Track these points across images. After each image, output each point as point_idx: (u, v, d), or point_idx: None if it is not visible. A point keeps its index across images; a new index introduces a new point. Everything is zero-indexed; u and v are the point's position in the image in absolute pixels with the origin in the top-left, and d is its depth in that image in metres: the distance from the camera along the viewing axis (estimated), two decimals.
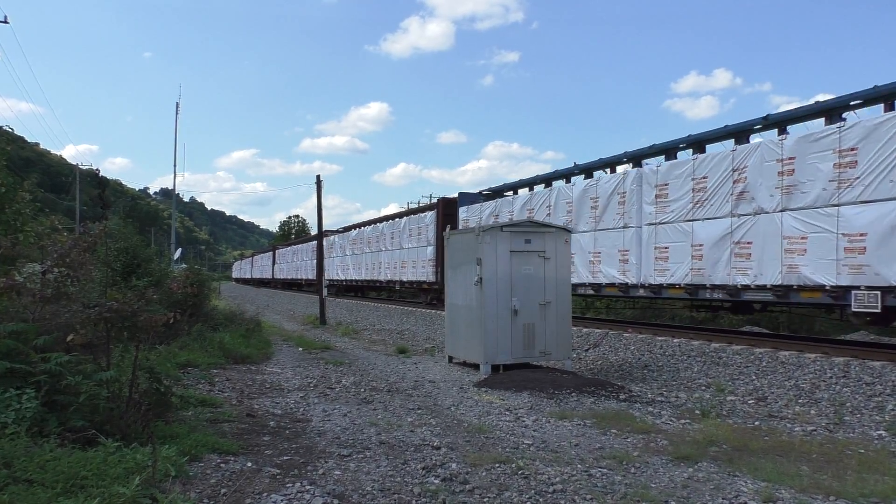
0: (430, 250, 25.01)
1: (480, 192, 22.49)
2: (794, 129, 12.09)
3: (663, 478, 5.27)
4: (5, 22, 30.54)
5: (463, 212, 22.36)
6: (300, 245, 50.14)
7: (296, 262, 50.99)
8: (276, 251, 62.19)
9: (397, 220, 29.37)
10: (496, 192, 22.00)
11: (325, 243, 41.04)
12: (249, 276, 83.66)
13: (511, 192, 21.13)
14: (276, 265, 61.03)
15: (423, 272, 25.45)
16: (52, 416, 4.81)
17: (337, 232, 40.75)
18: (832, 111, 11.50)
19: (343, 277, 37.33)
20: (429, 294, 25.55)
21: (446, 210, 23.91)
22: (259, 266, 75.31)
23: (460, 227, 20.65)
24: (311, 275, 41.85)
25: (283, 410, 7.70)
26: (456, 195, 23.93)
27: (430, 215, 25.28)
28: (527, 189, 20.12)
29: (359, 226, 36.28)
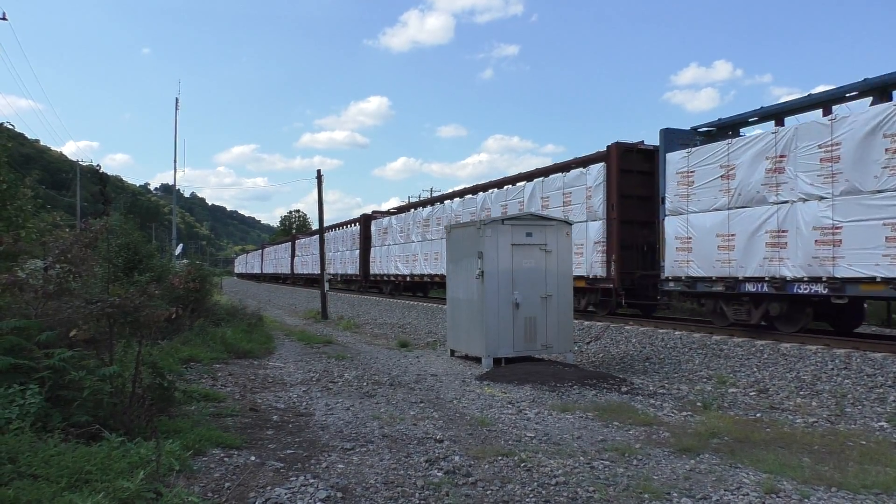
0: (596, 227, 15.60)
1: (695, 130, 13.83)
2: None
3: (665, 470, 5.29)
4: (4, 19, 30.54)
5: (679, 158, 13.11)
6: (335, 232, 38.86)
7: (327, 255, 43.09)
8: (297, 241, 53.51)
9: (516, 185, 19.45)
10: (726, 127, 13.40)
11: (374, 227, 32.43)
12: (259, 272, 74.12)
13: (763, 121, 12.76)
14: (296, 258, 51.59)
15: (579, 263, 15.41)
16: (55, 411, 4.82)
17: (390, 213, 31.74)
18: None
19: (406, 272, 27.58)
20: (593, 295, 16.20)
21: (625, 162, 15.31)
22: (273, 259, 65.15)
23: (668, 183, 13.32)
24: (353, 269, 34.70)
25: (286, 405, 7.72)
26: (638, 141, 15.83)
27: (593, 171, 15.88)
28: (819, 110, 11.51)
29: (434, 201, 27.03)
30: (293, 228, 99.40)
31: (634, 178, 15.30)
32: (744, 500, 4.57)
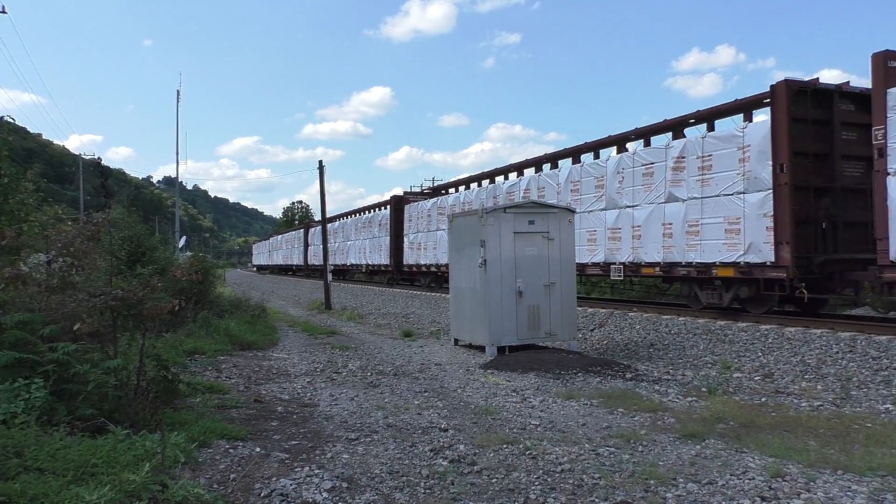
0: (760, 198, 10.90)
1: None
2: None
3: (671, 455, 5.28)
4: (3, 12, 30.35)
5: None
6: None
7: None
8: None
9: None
10: None
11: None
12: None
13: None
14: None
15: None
16: (60, 405, 4.82)
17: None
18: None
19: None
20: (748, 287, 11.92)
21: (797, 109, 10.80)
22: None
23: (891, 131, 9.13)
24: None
25: (291, 396, 7.73)
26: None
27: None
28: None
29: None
30: (296, 220, 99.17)
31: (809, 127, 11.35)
32: (750, 484, 4.56)
